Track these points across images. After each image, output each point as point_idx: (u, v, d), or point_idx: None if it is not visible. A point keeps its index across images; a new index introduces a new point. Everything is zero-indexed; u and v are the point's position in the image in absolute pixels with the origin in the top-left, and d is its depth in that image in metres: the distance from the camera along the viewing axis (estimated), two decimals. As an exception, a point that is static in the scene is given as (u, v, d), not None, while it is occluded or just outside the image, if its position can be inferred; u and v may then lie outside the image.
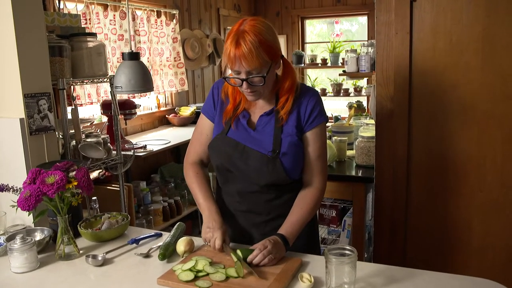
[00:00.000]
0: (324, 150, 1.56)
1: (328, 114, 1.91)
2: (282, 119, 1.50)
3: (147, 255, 1.51)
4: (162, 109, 4.49)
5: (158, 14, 4.23)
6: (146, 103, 4.35)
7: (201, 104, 4.62)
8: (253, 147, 1.49)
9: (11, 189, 1.53)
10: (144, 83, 2.23)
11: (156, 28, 4.15)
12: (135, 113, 3.33)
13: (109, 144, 2.66)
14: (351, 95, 5.69)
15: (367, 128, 2.65)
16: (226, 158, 1.52)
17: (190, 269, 1.32)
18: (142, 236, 1.64)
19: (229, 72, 1.45)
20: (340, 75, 4.61)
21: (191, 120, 4.35)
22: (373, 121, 2.79)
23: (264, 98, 1.52)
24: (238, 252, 1.37)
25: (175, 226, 1.62)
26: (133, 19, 3.87)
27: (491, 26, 1.86)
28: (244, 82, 1.40)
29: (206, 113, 1.62)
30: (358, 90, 5.65)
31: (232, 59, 1.37)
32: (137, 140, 3.65)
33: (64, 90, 2.28)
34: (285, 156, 1.48)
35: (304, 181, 1.56)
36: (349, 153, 2.83)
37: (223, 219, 1.49)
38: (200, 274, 1.31)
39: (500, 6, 1.84)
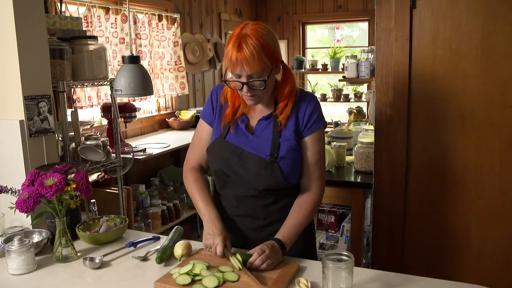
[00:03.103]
0: (322, 155, 1.56)
1: (328, 119, 1.92)
2: (280, 124, 1.50)
3: (144, 258, 1.51)
4: (162, 112, 4.50)
5: (160, 18, 4.24)
6: (146, 107, 4.36)
7: (201, 108, 4.64)
8: (251, 151, 1.49)
9: (10, 191, 1.53)
10: (144, 86, 2.24)
11: (157, 31, 4.17)
12: (135, 116, 3.34)
13: (108, 147, 2.66)
14: (351, 100, 5.70)
15: (366, 134, 2.66)
16: (224, 162, 1.52)
17: (187, 273, 1.32)
18: (140, 239, 1.64)
19: (229, 75, 1.45)
20: (340, 80, 4.62)
21: (191, 124, 4.36)
22: (372, 127, 2.80)
23: (263, 102, 1.53)
24: (238, 256, 1.37)
25: (173, 230, 1.63)
26: (134, 23, 3.88)
27: (490, 34, 1.87)
28: (245, 86, 1.41)
29: (205, 118, 1.63)
30: (358, 96, 5.66)
31: (233, 63, 1.38)
32: (137, 143, 3.65)
33: (65, 93, 2.28)
34: (283, 160, 1.48)
35: (302, 186, 1.56)
36: (348, 158, 2.83)
37: (223, 224, 1.48)
38: (197, 278, 1.31)
39: (499, 15, 1.85)
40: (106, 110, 3.10)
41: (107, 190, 2.96)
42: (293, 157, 1.50)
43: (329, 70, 5.89)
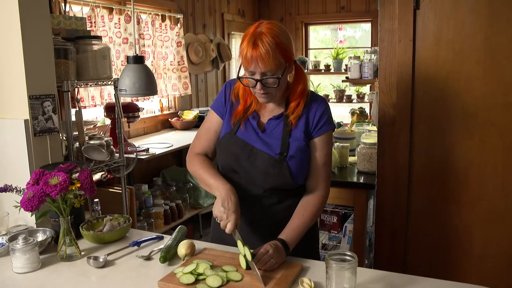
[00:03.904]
0: (329, 158, 1.57)
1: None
2: (291, 124, 1.51)
3: (148, 258, 1.52)
4: (165, 112, 4.51)
5: (163, 18, 4.25)
6: (149, 107, 4.37)
7: (204, 108, 4.66)
8: (261, 148, 1.50)
9: (15, 190, 1.54)
10: (148, 86, 2.25)
11: (161, 32, 4.18)
12: (138, 116, 3.35)
13: (112, 146, 2.67)
14: (354, 101, 5.70)
15: (369, 135, 2.66)
16: (233, 158, 1.52)
17: (191, 272, 1.33)
18: (143, 239, 1.64)
19: (243, 72, 1.46)
20: (343, 81, 4.62)
21: (194, 124, 4.37)
22: (375, 128, 2.80)
23: (275, 101, 1.53)
24: (247, 252, 1.36)
25: (177, 229, 1.63)
26: (138, 23, 3.90)
27: (493, 35, 1.87)
28: (258, 83, 1.42)
29: (216, 109, 1.61)
30: (361, 97, 5.66)
31: (248, 60, 1.38)
32: (140, 143, 3.66)
33: (69, 92, 2.29)
34: (292, 159, 1.48)
35: (308, 187, 1.56)
36: (351, 159, 2.83)
37: (238, 199, 1.43)
38: (201, 277, 1.32)
39: (501, 16, 1.85)
40: (109, 110, 3.11)
41: (111, 190, 2.97)
42: (302, 157, 1.50)
43: (332, 71, 5.89)
